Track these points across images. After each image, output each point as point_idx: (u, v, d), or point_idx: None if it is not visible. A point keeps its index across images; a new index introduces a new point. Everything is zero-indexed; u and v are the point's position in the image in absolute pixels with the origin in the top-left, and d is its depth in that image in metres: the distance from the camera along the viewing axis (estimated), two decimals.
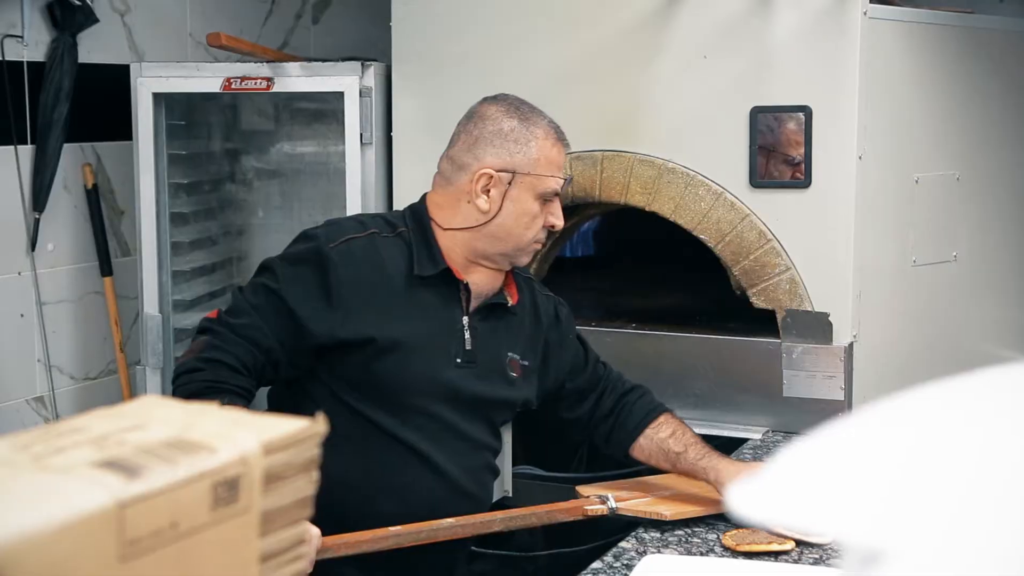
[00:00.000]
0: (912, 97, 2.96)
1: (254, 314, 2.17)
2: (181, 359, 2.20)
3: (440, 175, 2.33)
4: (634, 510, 2.26)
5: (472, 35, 3.14)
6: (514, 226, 2.25)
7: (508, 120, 2.27)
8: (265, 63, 3.33)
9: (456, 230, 2.26)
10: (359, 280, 2.18)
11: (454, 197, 2.27)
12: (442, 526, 2.17)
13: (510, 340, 2.34)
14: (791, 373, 2.83)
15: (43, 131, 3.25)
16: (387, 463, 2.21)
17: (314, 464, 0.90)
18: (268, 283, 2.20)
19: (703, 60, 2.90)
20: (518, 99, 2.34)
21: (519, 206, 2.25)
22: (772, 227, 2.85)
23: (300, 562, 0.89)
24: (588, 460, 3.37)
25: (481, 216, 2.25)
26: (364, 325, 2.17)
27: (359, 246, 2.21)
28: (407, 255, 2.24)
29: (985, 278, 3.23)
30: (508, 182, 2.24)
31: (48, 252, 3.36)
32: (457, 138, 2.31)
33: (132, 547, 0.71)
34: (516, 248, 2.28)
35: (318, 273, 2.17)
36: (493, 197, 2.24)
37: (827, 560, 2.08)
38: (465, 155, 2.27)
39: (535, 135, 2.27)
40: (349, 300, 2.17)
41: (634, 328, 3.03)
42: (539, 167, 2.26)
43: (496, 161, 2.25)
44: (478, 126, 2.28)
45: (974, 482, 0.50)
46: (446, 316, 2.26)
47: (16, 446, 0.76)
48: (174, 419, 0.85)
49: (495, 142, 2.25)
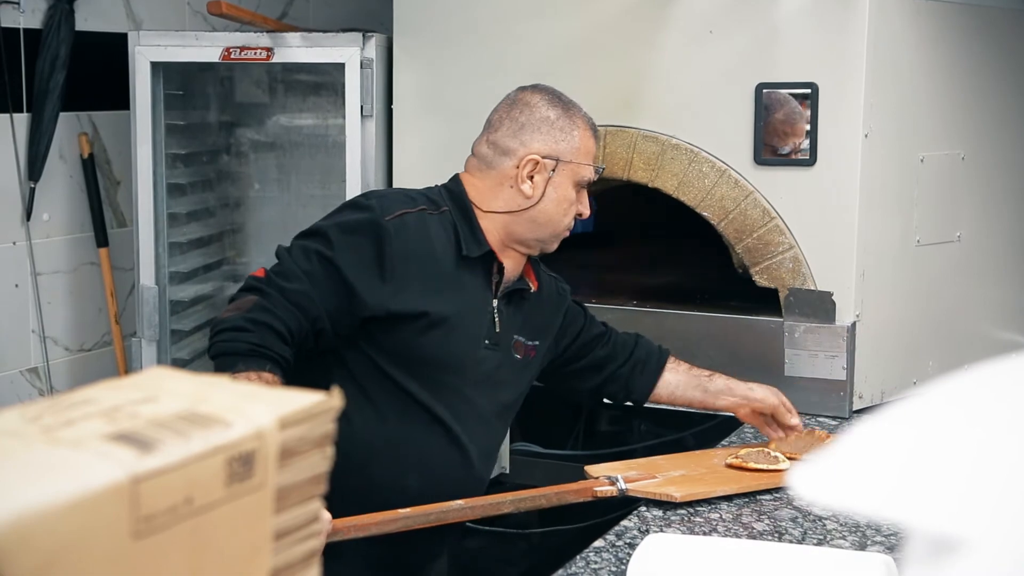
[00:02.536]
0: (918, 76, 2.94)
1: (306, 280, 2.14)
2: (225, 313, 2.15)
3: (478, 159, 2.35)
4: (644, 491, 2.25)
5: (474, 8, 3.11)
6: (554, 212, 2.30)
7: (553, 109, 2.32)
8: (265, 33, 3.30)
9: (497, 213, 2.29)
10: (412, 255, 2.19)
11: (495, 181, 2.30)
12: (452, 508, 2.16)
13: (522, 324, 2.38)
14: (793, 352, 2.81)
15: (39, 99, 3.22)
16: (418, 438, 2.23)
17: (329, 439, 0.87)
18: (323, 250, 2.17)
19: (708, 35, 2.87)
20: (555, 89, 2.38)
21: (560, 192, 2.30)
22: (776, 205, 2.83)
23: (314, 540, 0.87)
24: (585, 437, 3.35)
25: (524, 201, 2.28)
26: (415, 299, 2.18)
27: (412, 221, 2.21)
28: (453, 234, 2.26)
29: (989, 259, 3.21)
30: (552, 169, 2.29)
31: (43, 222, 3.33)
32: (500, 123, 2.33)
33: (146, 523, 0.69)
34: (552, 234, 2.34)
35: (375, 245, 2.17)
36: (537, 183, 2.28)
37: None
38: (510, 140, 2.30)
39: (577, 125, 2.32)
40: (402, 273, 2.17)
41: (635, 305, 3.01)
42: (580, 156, 2.32)
43: (543, 148, 2.29)
44: (524, 113, 2.31)
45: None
46: (481, 298, 2.29)
47: (25, 417, 0.74)
48: (185, 391, 0.82)
49: (542, 129, 2.30)
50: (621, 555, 1.99)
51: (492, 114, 2.36)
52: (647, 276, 3.48)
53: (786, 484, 2.27)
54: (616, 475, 2.29)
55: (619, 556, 1.99)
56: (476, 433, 2.29)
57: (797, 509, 2.20)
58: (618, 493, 2.26)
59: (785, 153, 2.79)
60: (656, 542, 1.95)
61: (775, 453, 2.37)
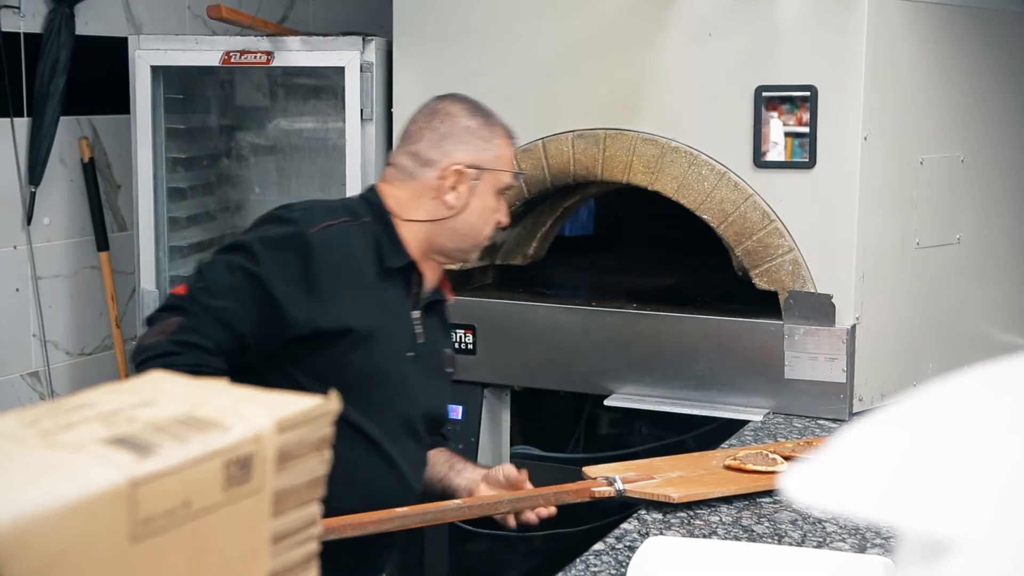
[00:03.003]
0: (918, 78, 2.94)
1: (231, 296, 2.08)
2: (147, 339, 2.08)
3: (398, 169, 2.30)
4: (642, 492, 2.25)
5: (473, 11, 3.11)
6: (477, 221, 2.28)
7: (473, 118, 2.30)
8: (265, 37, 3.30)
9: (418, 222, 2.25)
10: (337, 267, 2.14)
11: (416, 192, 2.26)
12: (449, 507, 2.15)
13: (445, 336, 2.38)
14: (793, 355, 2.81)
15: (39, 104, 3.22)
16: (350, 457, 2.13)
17: (326, 443, 0.87)
18: (247, 264, 2.10)
19: (708, 38, 2.87)
20: (472, 98, 2.37)
21: (483, 201, 2.28)
22: (775, 208, 2.83)
23: (311, 543, 0.87)
24: (585, 440, 3.36)
25: (447, 211, 2.25)
26: (341, 314, 2.13)
27: (336, 233, 2.17)
28: (374, 245, 2.21)
29: (988, 261, 3.21)
30: (475, 178, 2.26)
31: (44, 226, 3.34)
32: (420, 134, 2.29)
33: (144, 527, 0.69)
34: (474, 244, 2.32)
35: (300, 258, 2.11)
36: (460, 193, 2.25)
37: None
38: (432, 151, 2.26)
39: (497, 133, 2.31)
40: (328, 287, 2.13)
41: (635, 308, 3.01)
42: (501, 163, 2.30)
43: (466, 157, 2.26)
44: (445, 123, 2.28)
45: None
46: (403, 309, 2.25)
47: (24, 421, 0.74)
48: (184, 395, 0.83)
49: (465, 138, 2.27)
50: (621, 558, 1.99)
51: (410, 124, 2.33)
52: (647, 279, 3.48)
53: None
54: (614, 476, 2.29)
55: (619, 559, 1.99)
56: (405, 447, 2.24)
57: (797, 512, 2.20)
58: (616, 494, 2.26)
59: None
60: (656, 545, 1.95)
61: (773, 455, 2.37)
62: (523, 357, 3.08)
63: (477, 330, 3.11)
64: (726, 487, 2.27)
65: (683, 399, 2.91)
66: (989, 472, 0.49)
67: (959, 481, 0.49)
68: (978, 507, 0.48)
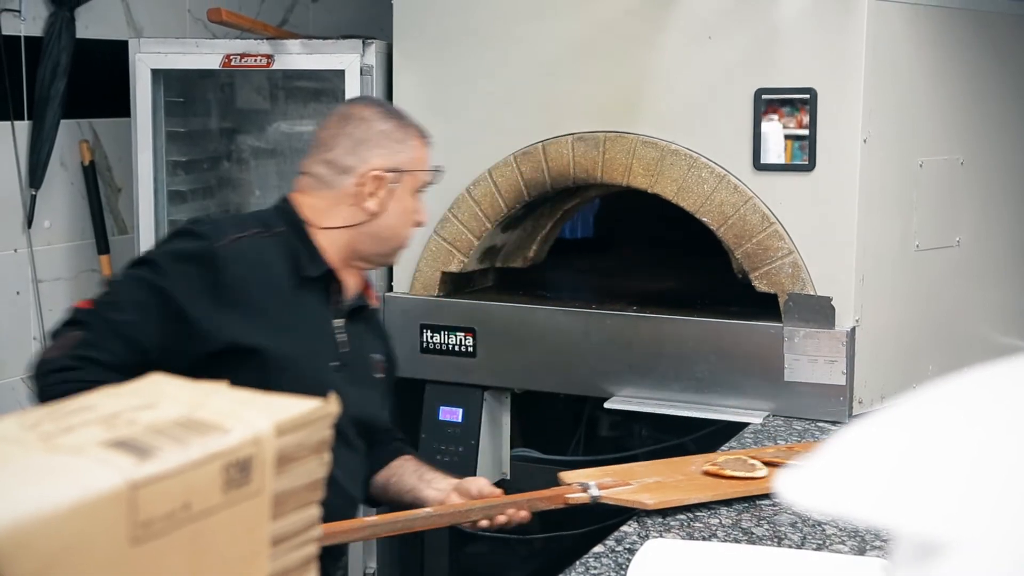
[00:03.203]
0: (917, 80, 2.94)
1: (136, 311, 2.03)
2: (48, 353, 2.04)
3: (313, 178, 2.27)
4: (616, 498, 2.21)
5: (473, 15, 3.12)
6: (397, 224, 2.27)
7: (387, 121, 2.28)
8: (265, 40, 3.30)
9: (336, 229, 2.22)
10: (249, 280, 2.10)
11: (334, 200, 2.24)
12: (419, 516, 2.11)
13: (373, 342, 2.34)
14: (793, 357, 2.81)
15: (40, 107, 3.23)
16: None
17: (326, 446, 0.88)
18: (153, 279, 2.06)
19: (708, 41, 2.87)
20: (382, 100, 2.36)
21: (402, 204, 2.27)
22: (775, 210, 2.83)
23: (311, 546, 0.87)
24: (585, 443, 3.36)
25: (366, 216, 2.23)
26: (256, 327, 2.09)
27: (246, 245, 2.13)
28: (289, 256, 2.18)
29: (988, 263, 3.22)
30: (394, 181, 2.25)
31: (44, 229, 3.34)
32: (334, 141, 2.26)
33: (144, 529, 0.70)
34: (396, 247, 2.31)
35: (208, 272, 2.07)
36: (380, 198, 2.24)
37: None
38: (348, 157, 2.24)
39: (411, 134, 2.30)
40: (241, 301, 2.09)
41: (635, 311, 3.01)
42: (418, 164, 2.29)
43: (383, 162, 2.25)
44: (359, 128, 2.26)
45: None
46: (323, 319, 2.22)
47: (24, 424, 0.74)
48: (184, 398, 0.83)
49: (380, 142, 2.25)
50: (621, 560, 1.99)
51: (322, 132, 2.30)
52: (647, 281, 3.48)
53: (764, 491, 2.26)
54: (588, 482, 2.24)
55: (618, 561, 1.99)
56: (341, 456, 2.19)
57: (796, 514, 2.20)
58: (591, 500, 2.21)
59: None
60: (655, 547, 1.96)
61: (753, 461, 2.34)
62: (523, 360, 3.08)
63: (477, 333, 3.11)
64: (703, 493, 2.23)
65: (683, 401, 2.91)
66: (982, 473, 0.49)
67: (952, 482, 0.49)
68: (971, 508, 0.48)
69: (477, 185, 3.12)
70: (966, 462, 0.50)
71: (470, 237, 3.15)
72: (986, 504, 0.48)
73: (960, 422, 0.54)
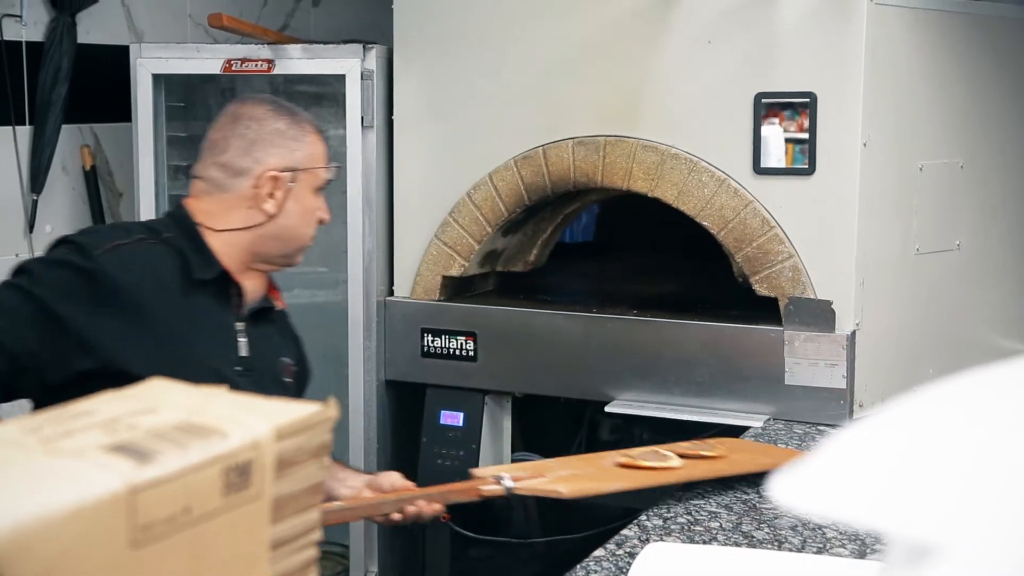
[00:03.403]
0: (917, 84, 2.95)
1: (5, 318, 1.95)
2: None
3: (207, 182, 2.21)
4: (531, 489, 2.18)
5: (474, 19, 3.12)
6: (298, 225, 2.22)
7: (280, 119, 2.22)
8: (266, 45, 3.31)
9: (233, 231, 2.17)
10: (132, 287, 2.03)
11: (230, 204, 2.19)
12: (331, 509, 2.06)
13: (281, 345, 2.29)
14: (793, 361, 2.82)
15: (41, 112, 3.23)
16: None
17: (326, 450, 0.88)
18: (28, 286, 1.98)
19: (707, 45, 2.88)
20: (274, 97, 2.29)
21: (302, 204, 2.22)
22: (775, 214, 2.83)
23: (310, 549, 0.88)
24: (586, 446, 3.36)
25: (264, 218, 2.18)
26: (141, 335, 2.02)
27: (129, 252, 2.06)
28: (179, 260, 2.11)
29: (988, 267, 3.22)
30: (291, 181, 2.20)
31: (46, 234, 3.34)
32: (226, 143, 2.20)
33: (144, 533, 0.70)
34: (298, 247, 2.25)
35: (86, 280, 2.00)
36: (278, 199, 2.19)
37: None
38: (242, 159, 2.19)
39: (306, 130, 2.24)
40: (124, 308, 2.02)
41: (635, 315, 3.01)
42: (316, 161, 2.24)
43: (279, 162, 2.19)
44: (252, 128, 2.20)
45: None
46: (223, 322, 2.17)
47: (25, 429, 0.75)
48: (184, 402, 0.83)
49: (275, 142, 2.20)
50: (621, 564, 2.00)
51: (213, 133, 2.23)
52: (647, 285, 3.49)
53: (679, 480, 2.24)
54: (502, 474, 2.19)
55: (619, 565, 2.00)
56: None
57: (797, 517, 2.20)
58: (505, 492, 2.16)
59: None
60: (656, 551, 1.96)
61: (666, 452, 2.34)
62: (524, 363, 3.09)
63: (478, 337, 3.11)
64: (618, 483, 2.22)
65: (684, 405, 2.91)
66: (978, 475, 0.50)
67: (947, 485, 0.49)
68: (966, 511, 0.48)
69: (478, 189, 3.13)
70: (961, 464, 0.50)
71: (471, 241, 3.15)
72: (982, 506, 0.48)
73: (956, 424, 0.54)
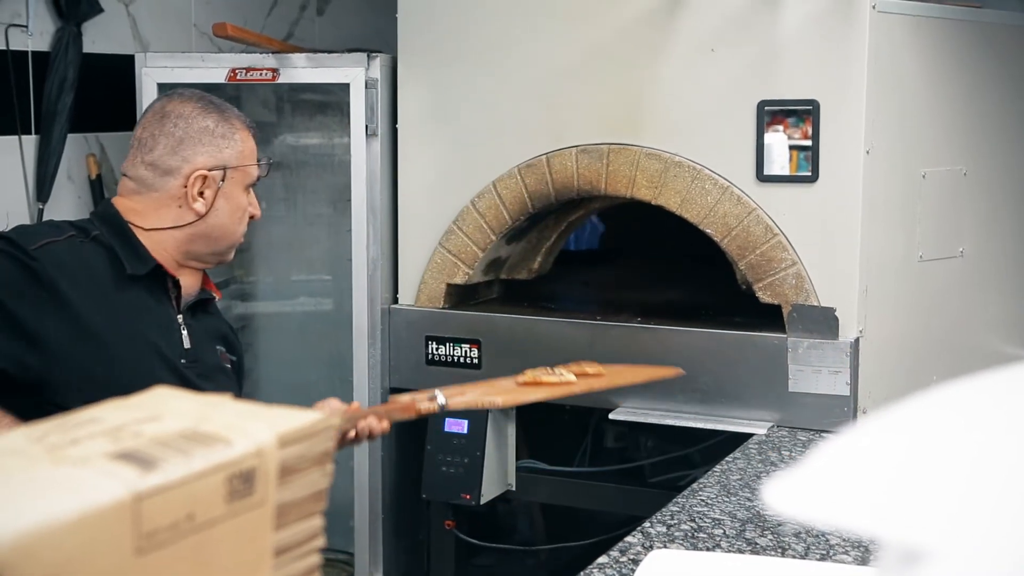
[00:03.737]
0: (920, 92, 2.95)
1: None
2: None
3: (135, 181, 2.19)
4: (466, 403, 2.20)
5: (478, 27, 3.13)
6: (229, 223, 2.21)
7: (209, 116, 2.20)
8: (270, 54, 3.32)
9: (164, 230, 2.16)
10: (67, 284, 2.01)
11: (159, 203, 2.17)
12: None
13: (218, 335, 2.29)
14: (797, 368, 2.82)
15: (47, 121, 3.24)
16: None
17: (329, 457, 0.89)
18: None
19: (710, 53, 2.89)
20: (202, 92, 2.26)
21: (233, 202, 2.21)
22: (779, 221, 2.84)
23: (314, 556, 0.88)
24: (591, 454, 3.37)
25: (195, 217, 2.17)
26: (82, 333, 2.00)
27: (62, 250, 2.05)
28: (110, 257, 2.10)
29: (992, 274, 3.22)
30: (221, 179, 2.19)
31: None
32: (154, 141, 2.18)
33: (149, 540, 0.71)
34: (229, 245, 2.24)
35: (24, 273, 1.99)
36: (208, 198, 2.18)
37: (836, 557, 2.08)
38: (171, 158, 2.17)
39: (236, 127, 2.22)
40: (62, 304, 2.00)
41: (639, 322, 3.02)
42: (245, 158, 2.22)
43: (208, 160, 2.18)
44: (179, 126, 2.18)
45: (1019, 481, 0.49)
46: (162, 316, 2.16)
47: (31, 437, 0.75)
48: (188, 411, 0.84)
49: (203, 140, 2.18)
50: (625, 571, 2.00)
51: (140, 131, 2.21)
52: (650, 293, 3.49)
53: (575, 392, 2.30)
54: (435, 392, 2.18)
55: (623, 572, 2.00)
56: None
57: (800, 524, 2.21)
58: (439, 409, 2.16)
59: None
60: (659, 558, 1.96)
61: (560, 371, 2.37)
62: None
63: (482, 344, 3.12)
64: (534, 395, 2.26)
65: (688, 413, 2.92)
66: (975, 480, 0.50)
67: (941, 490, 0.50)
68: (963, 516, 0.49)
69: (482, 198, 3.13)
70: (958, 469, 0.51)
71: (475, 249, 3.16)
72: (979, 511, 0.48)
73: (953, 429, 0.55)
